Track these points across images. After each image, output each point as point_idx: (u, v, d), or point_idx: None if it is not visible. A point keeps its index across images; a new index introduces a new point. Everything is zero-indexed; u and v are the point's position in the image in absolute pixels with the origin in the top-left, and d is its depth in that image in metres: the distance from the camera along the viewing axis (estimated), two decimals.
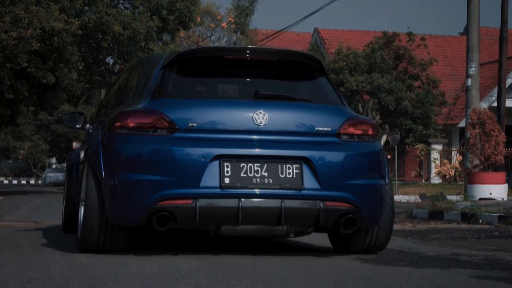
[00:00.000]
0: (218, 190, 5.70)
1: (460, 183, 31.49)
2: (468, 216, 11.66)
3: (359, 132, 6.18)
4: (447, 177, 29.47)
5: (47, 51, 23.74)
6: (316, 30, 44.24)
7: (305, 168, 5.83)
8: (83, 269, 5.10)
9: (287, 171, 5.81)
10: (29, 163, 68.52)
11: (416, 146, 31.75)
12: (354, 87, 33.11)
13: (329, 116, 6.15)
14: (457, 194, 22.83)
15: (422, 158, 32.27)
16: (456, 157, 34.04)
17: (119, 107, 6.57)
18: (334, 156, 5.96)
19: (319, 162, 5.85)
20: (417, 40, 35.21)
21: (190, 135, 5.82)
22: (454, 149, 37.07)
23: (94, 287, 4.32)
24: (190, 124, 5.84)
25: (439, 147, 35.58)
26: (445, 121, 37.86)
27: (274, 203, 5.69)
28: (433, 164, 33.49)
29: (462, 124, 38.35)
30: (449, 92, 38.85)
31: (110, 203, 5.84)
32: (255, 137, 5.85)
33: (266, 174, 5.75)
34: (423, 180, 33.86)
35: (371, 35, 40.24)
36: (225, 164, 5.74)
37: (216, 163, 5.74)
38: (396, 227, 10.52)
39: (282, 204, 5.67)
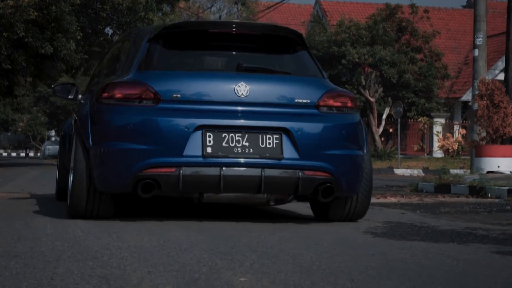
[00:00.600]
0: (200, 159, 5.89)
1: (463, 157, 31.20)
2: (476, 190, 11.30)
3: (338, 104, 6.33)
4: (450, 151, 29.12)
5: (44, 20, 23.29)
6: (317, 1, 43.69)
7: (285, 139, 6.02)
8: (76, 242, 4.75)
9: (267, 141, 6.00)
10: (28, 135, 68.15)
11: (419, 119, 31.38)
12: (356, 60, 32.68)
13: (308, 89, 6.33)
14: (461, 168, 22.48)
15: (425, 131, 31.87)
16: (459, 131, 33.68)
17: (109, 78, 6.79)
18: (313, 127, 6.14)
19: (298, 132, 6.03)
20: (420, 12, 34.77)
21: (174, 106, 6.02)
22: (456, 123, 36.75)
23: (87, 261, 3.96)
24: (174, 96, 6.05)
25: (441, 120, 35.25)
26: (448, 95, 37.48)
27: (255, 172, 5.90)
28: (435, 138, 33.15)
29: (465, 97, 38.13)
30: (452, 66, 38.44)
31: (97, 171, 6.03)
32: (236, 108, 6.04)
33: (247, 144, 5.96)
34: (425, 154, 33.56)
35: (373, 7, 39.80)
36: (208, 134, 5.94)
37: (199, 133, 5.92)
38: (403, 200, 10.20)
39: (262, 173, 5.88)
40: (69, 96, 7.67)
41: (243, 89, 6.06)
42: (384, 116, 31.49)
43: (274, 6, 41.32)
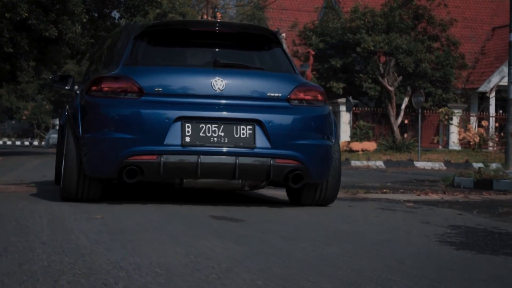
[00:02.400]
0: (180, 148, 6.35)
1: (485, 150, 30.02)
2: None
3: (308, 97, 6.78)
4: (471, 143, 27.90)
5: (49, 2, 22.17)
6: None
7: (258, 129, 6.46)
8: (80, 256, 3.60)
9: (241, 131, 6.45)
10: (33, 124, 67.00)
11: (440, 110, 30.11)
12: (371, 48, 31.40)
13: (280, 83, 6.77)
14: (483, 161, 21.25)
15: (446, 123, 30.62)
16: (483, 123, 32.40)
17: (100, 72, 7.25)
18: (283, 119, 6.58)
19: (270, 124, 6.46)
20: None
21: (156, 98, 6.48)
22: (473, 114, 35.52)
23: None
24: (156, 89, 6.52)
25: (458, 112, 33.95)
26: (464, 85, 36.23)
27: (229, 159, 6.33)
28: (452, 130, 31.91)
29: (482, 88, 36.89)
30: (468, 56, 37.11)
31: (86, 157, 6.51)
32: (213, 101, 6.48)
33: (222, 134, 6.39)
34: (440, 146, 32.32)
35: None
36: (186, 124, 6.40)
37: (179, 123, 6.39)
38: (446, 197, 9.08)
39: (237, 160, 6.32)
40: (66, 87, 8.17)
41: (219, 83, 6.52)
42: (403, 106, 30.19)
43: None
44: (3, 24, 21.27)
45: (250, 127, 6.48)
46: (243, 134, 6.45)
